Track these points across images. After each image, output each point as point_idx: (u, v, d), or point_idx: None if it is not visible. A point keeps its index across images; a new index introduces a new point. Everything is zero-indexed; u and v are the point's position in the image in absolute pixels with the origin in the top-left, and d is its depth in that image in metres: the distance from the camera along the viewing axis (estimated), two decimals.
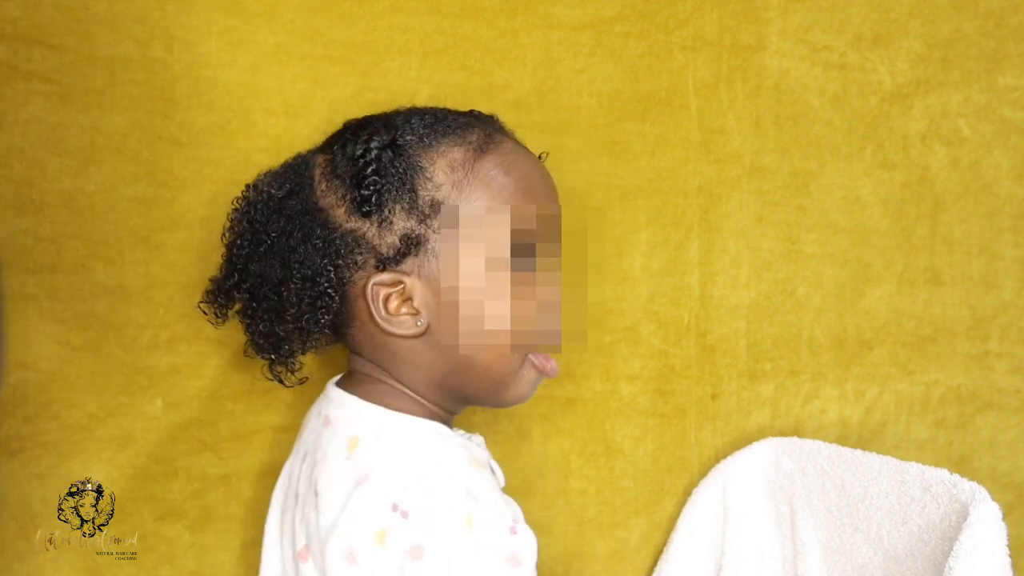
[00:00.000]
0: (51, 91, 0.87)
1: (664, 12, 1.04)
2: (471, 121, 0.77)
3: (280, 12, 0.92)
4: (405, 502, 0.68)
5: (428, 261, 0.73)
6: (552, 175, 0.79)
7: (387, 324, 0.74)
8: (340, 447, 0.74)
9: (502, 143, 0.77)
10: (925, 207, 1.11)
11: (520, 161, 0.77)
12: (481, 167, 0.75)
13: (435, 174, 0.74)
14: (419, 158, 0.74)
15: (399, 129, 0.75)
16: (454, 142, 0.75)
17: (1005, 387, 1.14)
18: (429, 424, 0.74)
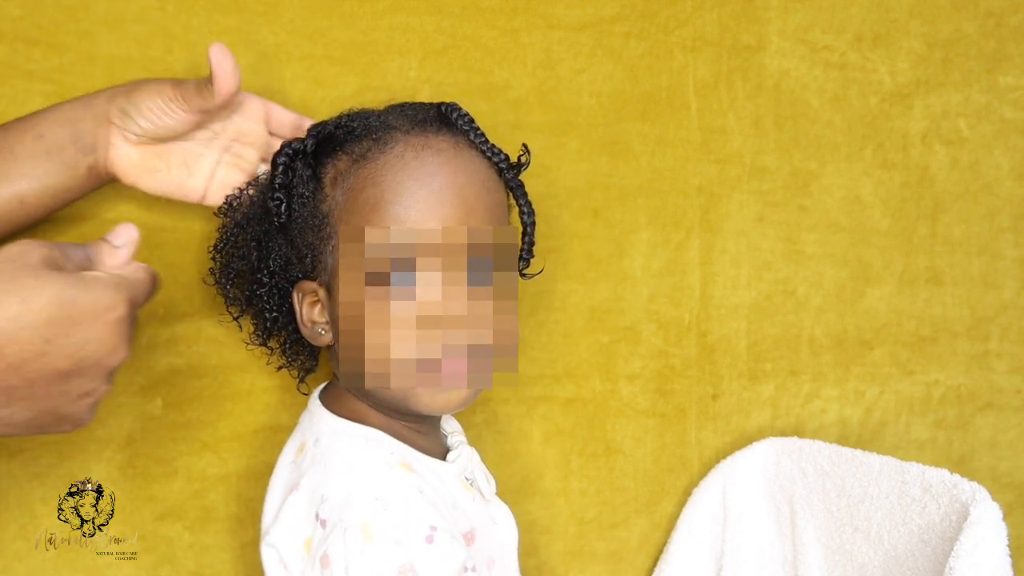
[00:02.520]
0: (51, 91, 0.87)
1: (664, 12, 1.04)
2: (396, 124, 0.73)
3: (280, 12, 0.92)
4: (323, 510, 0.67)
5: (325, 273, 0.73)
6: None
7: (304, 330, 0.75)
8: (291, 450, 0.76)
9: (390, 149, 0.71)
10: (925, 207, 1.11)
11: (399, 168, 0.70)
12: (356, 179, 0.72)
13: (325, 184, 0.74)
14: (321, 168, 0.74)
15: (316, 137, 0.75)
16: (348, 150, 0.73)
17: (1005, 387, 1.14)
18: (361, 429, 0.73)
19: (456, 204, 0.70)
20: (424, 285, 0.69)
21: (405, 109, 0.77)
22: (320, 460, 0.71)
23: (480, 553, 0.74)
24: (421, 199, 0.70)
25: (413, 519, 0.66)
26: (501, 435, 1.00)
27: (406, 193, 0.70)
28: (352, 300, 0.70)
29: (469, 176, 0.72)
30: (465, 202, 0.71)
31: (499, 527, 0.79)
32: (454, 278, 0.70)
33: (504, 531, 0.80)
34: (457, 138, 0.74)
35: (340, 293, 0.71)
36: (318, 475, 0.70)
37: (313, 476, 0.70)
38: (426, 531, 0.66)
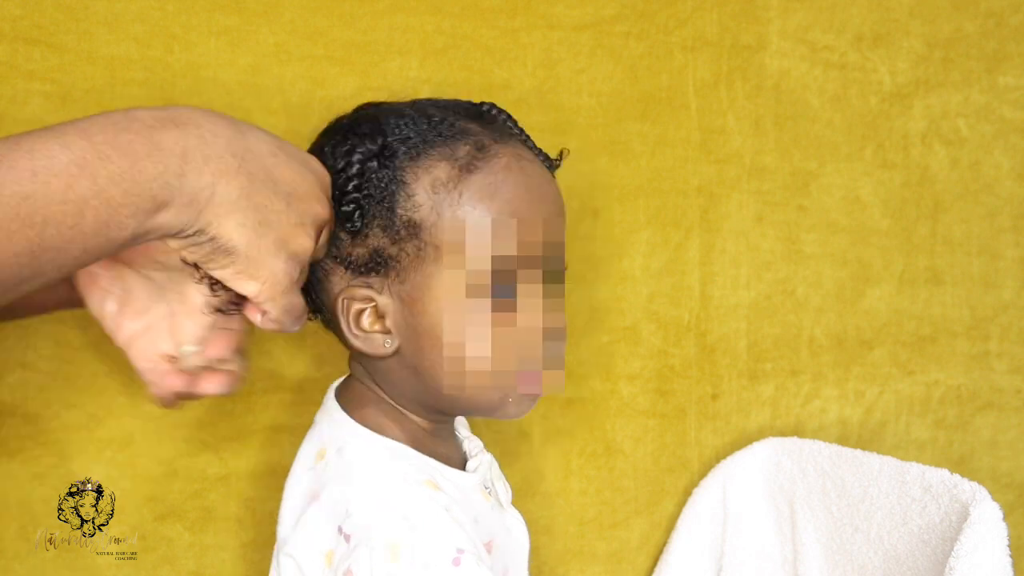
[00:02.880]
0: (51, 91, 0.87)
1: (664, 12, 1.03)
2: (470, 127, 0.71)
3: (280, 12, 0.92)
4: (347, 525, 0.66)
5: (399, 282, 0.69)
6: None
7: (355, 340, 0.70)
8: (310, 455, 0.73)
9: (495, 157, 0.70)
10: (925, 207, 1.11)
11: (512, 180, 0.69)
12: (465, 188, 0.68)
13: (416, 191, 0.68)
14: (403, 172, 0.69)
15: (387, 136, 0.69)
16: (441, 155, 0.69)
17: (1005, 387, 1.14)
18: (386, 443, 0.71)
19: (554, 215, 0.72)
20: (529, 297, 0.70)
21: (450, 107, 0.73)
22: (344, 472, 0.69)
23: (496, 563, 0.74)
24: (533, 212, 0.70)
25: (441, 540, 0.65)
26: (501, 435, 1.00)
27: (521, 206, 0.69)
28: (453, 312, 0.69)
29: (552, 184, 0.73)
30: (557, 211, 0.72)
31: (512, 536, 0.79)
32: (554, 290, 0.72)
33: (517, 540, 0.79)
34: (524, 145, 0.74)
35: (433, 304, 0.68)
36: (342, 488, 0.68)
37: (336, 488, 0.69)
38: (453, 553, 0.65)
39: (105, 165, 0.53)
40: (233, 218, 0.59)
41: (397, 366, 0.71)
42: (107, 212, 0.53)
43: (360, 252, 0.69)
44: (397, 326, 0.70)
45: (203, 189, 0.57)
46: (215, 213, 0.58)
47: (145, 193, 0.55)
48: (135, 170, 0.54)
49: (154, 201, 0.55)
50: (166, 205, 0.56)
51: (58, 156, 0.52)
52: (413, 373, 0.71)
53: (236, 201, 0.59)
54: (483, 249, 0.68)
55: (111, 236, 0.54)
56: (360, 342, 0.70)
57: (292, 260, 0.62)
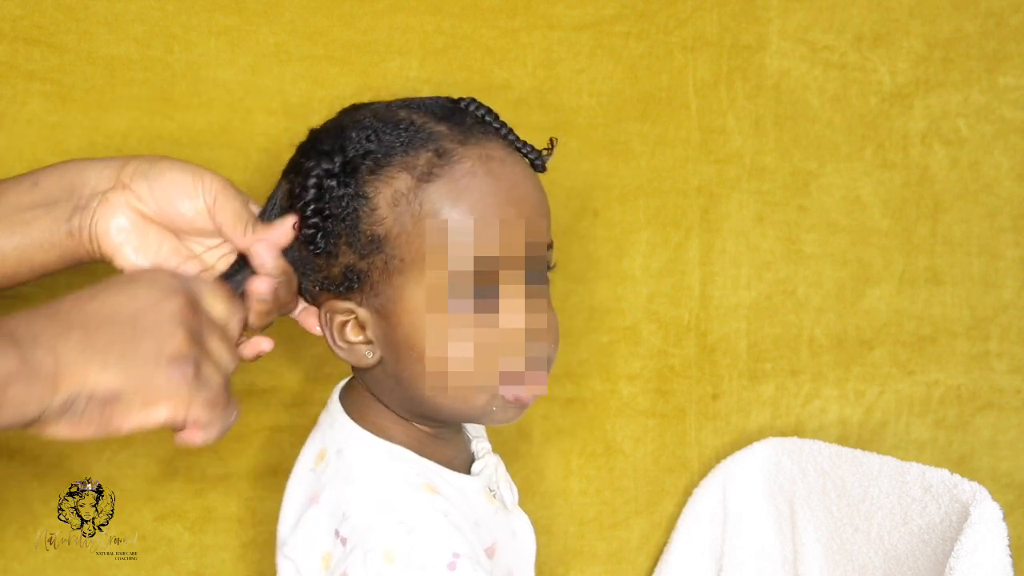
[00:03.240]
0: (51, 91, 0.87)
1: (664, 12, 1.03)
2: (434, 131, 0.69)
3: (280, 12, 0.92)
4: (344, 529, 0.66)
5: (373, 295, 0.69)
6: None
7: (340, 351, 0.70)
8: (310, 457, 0.73)
9: (457, 163, 0.68)
10: (925, 207, 1.11)
11: (475, 185, 0.68)
12: (425, 198, 0.67)
13: (379, 205, 0.67)
14: (364, 186, 0.67)
15: (346, 151, 0.68)
16: (401, 166, 0.67)
17: (1005, 387, 1.14)
18: (386, 446, 0.71)
19: (530, 215, 0.70)
20: (508, 298, 0.69)
21: (424, 107, 0.72)
22: (343, 474, 0.69)
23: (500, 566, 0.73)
24: (500, 215, 0.68)
25: (436, 545, 0.65)
26: (501, 435, 1.00)
27: (487, 211, 0.68)
28: (429, 321, 0.68)
29: (530, 181, 0.72)
30: (534, 210, 0.71)
31: (518, 539, 0.78)
32: (536, 291, 0.70)
33: (523, 543, 0.79)
34: (498, 140, 0.72)
35: (406, 315, 0.68)
36: (340, 490, 0.68)
37: (334, 490, 0.69)
38: (449, 558, 0.64)
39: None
40: (93, 366, 0.57)
41: (382, 375, 0.71)
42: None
43: (334, 271, 0.69)
44: (377, 337, 0.70)
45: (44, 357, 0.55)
46: (72, 374, 0.56)
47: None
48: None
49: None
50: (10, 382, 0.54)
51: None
52: (396, 382, 0.71)
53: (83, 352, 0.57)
54: (449, 257, 0.67)
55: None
56: (345, 353, 0.70)
57: (175, 363, 0.59)
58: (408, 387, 0.70)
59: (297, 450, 0.77)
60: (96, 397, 0.57)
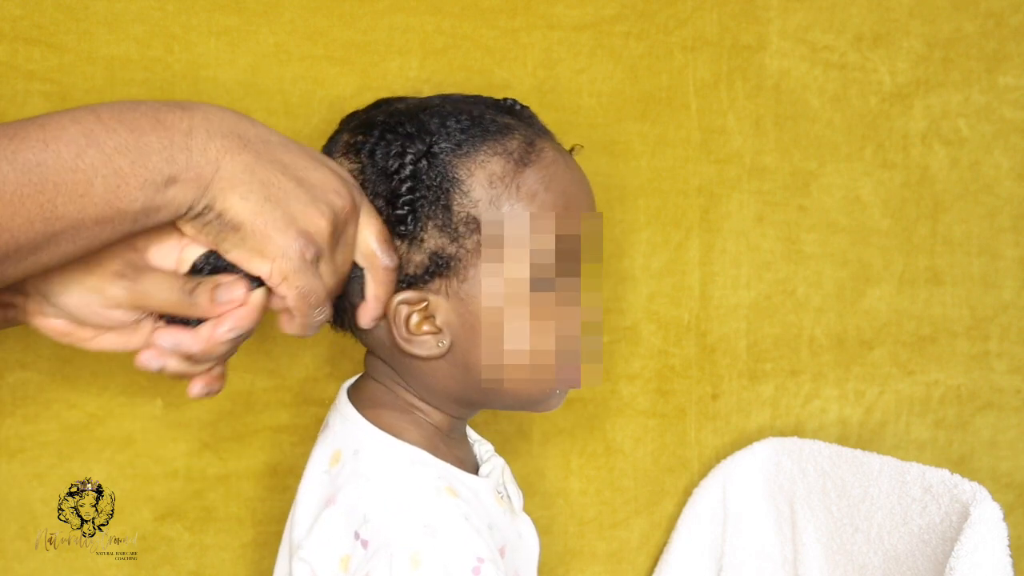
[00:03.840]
0: (51, 91, 0.87)
1: (664, 12, 1.04)
2: (509, 122, 0.71)
3: (280, 12, 0.92)
4: (365, 531, 0.65)
5: (458, 281, 0.68)
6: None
7: (407, 344, 0.69)
8: (324, 458, 0.72)
9: (543, 151, 0.70)
10: (925, 207, 1.11)
11: (560, 172, 0.71)
12: (523, 181, 0.68)
13: (472, 188, 0.68)
14: (456, 169, 0.68)
15: (434, 134, 0.68)
16: (493, 151, 0.69)
17: (1005, 387, 1.14)
18: (405, 448, 0.70)
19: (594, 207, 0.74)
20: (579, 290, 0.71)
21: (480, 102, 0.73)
22: (361, 475, 0.69)
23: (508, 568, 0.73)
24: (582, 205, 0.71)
25: (461, 548, 0.65)
26: (501, 435, 1.00)
27: (571, 200, 0.70)
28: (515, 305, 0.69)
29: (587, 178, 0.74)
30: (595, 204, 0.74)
31: (524, 541, 0.78)
32: (597, 283, 0.73)
33: (528, 545, 0.79)
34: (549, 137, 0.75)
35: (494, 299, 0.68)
36: (359, 492, 0.68)
37: (352, 492, 0.68)
38: (473, 562, 0.64)
39: (111, 136, 0.55)
40: (236, 191, 0.59)
41: (444, 364, 0.71)
42: (115, 182, 0.55)
43: (419, 258, 0.68)
44: (448, 324, 0.69)
45: (208, 164, 0.58)
46: (220, 187, 0.59)
47: (151, 165, 0.56)
48: (141, 142, 0.56)
49: (161, 174, 0.57)
50: (174, 180, 0.57)
51: (68, 128, 0.55)
52: (463, 370, 0.71)
53: (239, 175, 0.59)
54: (543, 242, 0.69)
55: (121, 208, 0.56)
56: (412, 346, 0.69)
57: (303, 238, 0.61)
58: (474, 374, 0.71)
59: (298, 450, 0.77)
60: (223, 218, 0.60)
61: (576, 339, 0.71)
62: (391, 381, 0.74)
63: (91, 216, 0.55)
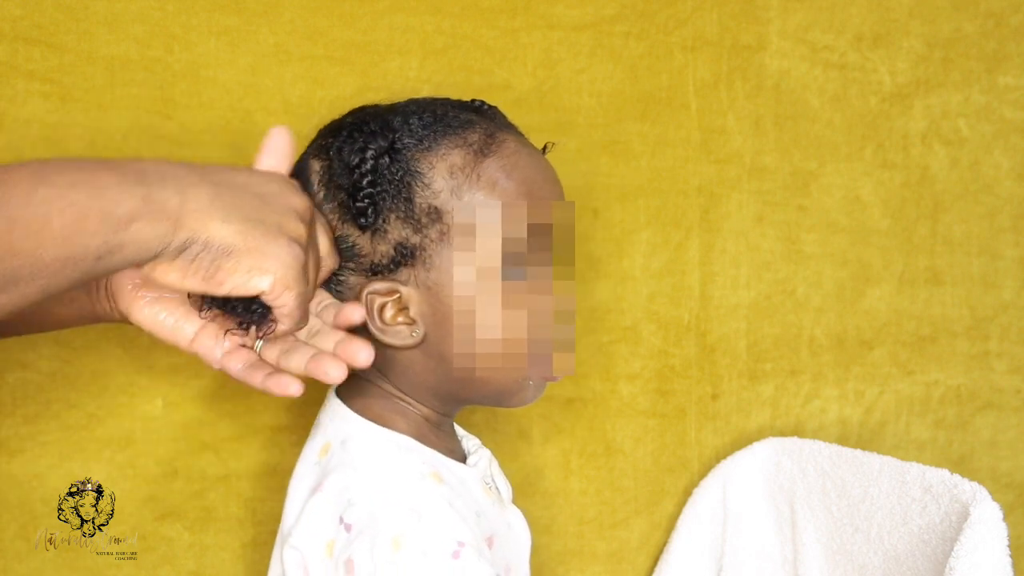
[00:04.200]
0: (51, 91, 0.87)
1: (664, 12, 1.04)
2: (472, 118, 0.73)
3: (280, 12, 0.92)
4: (349, 515, 0.66)
5: (424, 270, 0.70)
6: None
7: (382, 335, 0.71)
8: (314, 451, 0.73)
9: (504, 143, 0.72)
10: (925, 207, 1.11)
11: (523, 162, 0.72)
12: (483, 171, 0.71)
13: (433, 180, 0.70)
14: (417, 163, 0.70)
15: (397, 131, 0.71)
16: (454, 143, 0.71)
17: (1005, 387, 1.14)
18: (392, 435, 0.72)
19: (563, 197, 0.75)
20: (547, 278, 0.73)
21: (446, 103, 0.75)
22: (347, 463, 0.70)
23: (498, 559, 0.74)
24: (547, 192, 0.73)
25: (442, 532, 0.66)
26: (500, 435, 1.00)
27: (535, 186, 0.72)
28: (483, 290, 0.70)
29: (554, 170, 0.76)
30: (564, 195, 0.76)
31: (514, 532, 0.79)
32: (567, 272, 0.74)
33: (519, 537, 0.79)
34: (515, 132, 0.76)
35: (460, 287, 0.70)
36: (345, 477, 0.69)
37: (338, 477, 0.69)
38: (453, 546, 0.65)
39: (62, 175, 0.55)
40: (215, 218, 0.59)
41: (419, 355, 0.72)
42: (73, 217, 0.54)
43: (382, 249, 0.70)
44: (422, 315, 0.71)
45: (171, 197, 0.57)
46: (195, 219, 0.58)
47: (108, 198, 0.55)
48: (94, 179, 0.55)
49: (120, 208, 0.55)
50: (135, 216, 0.56)
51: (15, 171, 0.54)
52: (437, 360, 0.72)
53: (211, 203, 0.59)
54: (507, 230, 0.70)
55: (82, 244, 0.54)
56: (386, 336, 0.71)
57: (294, 244, 0.62)
58: (448, 364, 0.72)
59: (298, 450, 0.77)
60: (211, 247, 0.59)
61: (548, 327, 0.72)
62: (377, 376, 0.75)
63: (50, 254, 0.54)
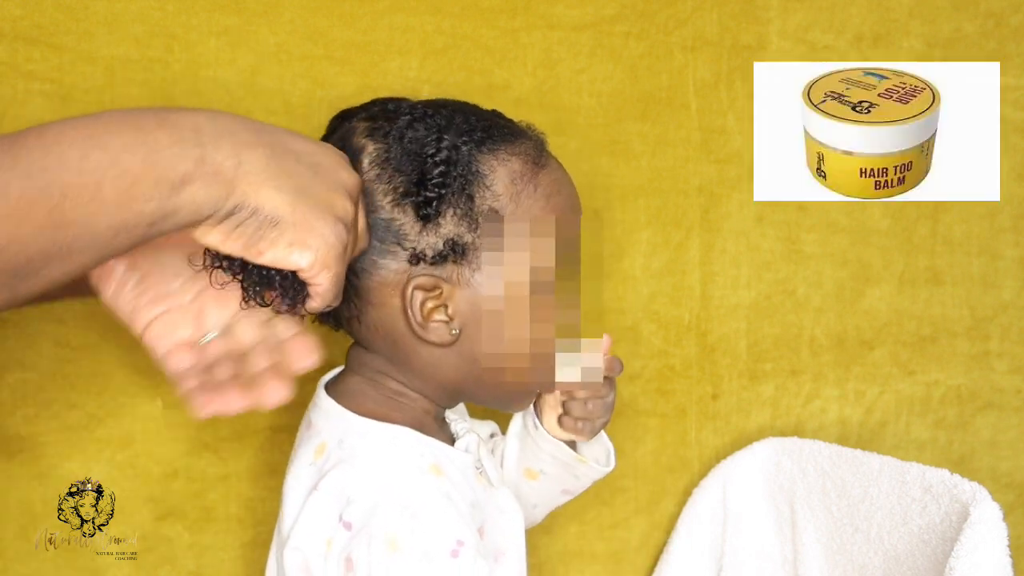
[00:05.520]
0: (51, 91, 0.87)
1: (664, 12, 1.04)
2: (517, 129, 0.75)
3: (280, 12, 0.92)
4: (348, 513, 0.66)
5: (470, 269, 0.70)
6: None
7: (421, 330, 0.70)
8: (309, 452, 0.73)
9: (550, 157, 0.75)
10: (925, 207, 1.11)
11: (564, 178, 0.75)
12: (539, 182, 0.72)
13: (495, 182, 0.71)
14: (480, 164, 0.71)
15: (461, 128, 0.71)
16: (513, 151, 0.73)
17: (1005, 387, 1.14)
18: (389, 428, 0.71)
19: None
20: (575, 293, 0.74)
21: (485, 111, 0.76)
22: (345, 460, 0.69)
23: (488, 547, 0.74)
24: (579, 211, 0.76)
25: (441, 531, 0.66)
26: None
27: (575, 203, 0.75)
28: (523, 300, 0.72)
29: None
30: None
31: (505, 515, 0.78)
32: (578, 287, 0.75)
33: (511, 520, 0.79)
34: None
35: (504, 292, 0.71)
36: (343, 475, 0.68)
37: (337, 475, 0.68)
38: (452, 545, 0.65)
39: (115, 136, 0.53)
40: (268, 184, 0.57)
41: (450, 353, 0.72)
42: (126, 183, 0.52)
43: (430, 240, 0.70)
44: (458, 313, 0.71)
45: (226, 160, 0.56)
46: (248, 183, 0.56)
47: (162, 162, 0.53)
48: (148, 139, 0.53)
49: (174, 172, 0.54)
50: (190, 179, 0.54)
51: (67, 132, 0.52)
52: (466, 360, 0.72)
53: (266, 168, 0.57)
54: (554, 243, 0.72)
55: (136, 210, 0.53)
56: (426, 332, 0.71)
57: (339, 224, 0.61)
58: (475, 364, 0.72)
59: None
60: (259, 214, 0.57)
61: (577, 339, 0.74)
62: (377, 373, 0.75)
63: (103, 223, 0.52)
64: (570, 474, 0.85)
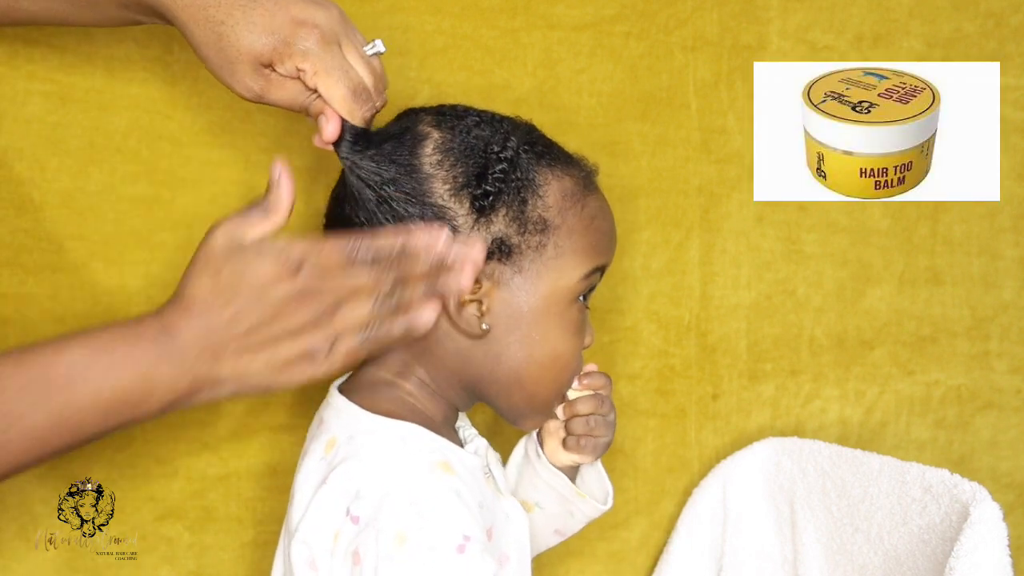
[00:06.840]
0: (51, 91, 0.87)
1: (664, 12, 1.04)
2: (574, 157, 0.79)
3: None
4: (356, 507, 0.67)
5: (512, 271, 0.73)
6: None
7: (456, 317, 0.72)
8: (320, 448, 0.73)
9: (598, 189, 0.79)
10: (925, 207, 1.11)
11: (608, 211, 0.79)
12: (587, 204, 0.76)
13: (548, 194, 0.74)
14: (537, 172, 0.74)
15: (522, 136, 0.76)
16: (567, 169, 0.76)
17: (1005, 387, 1.13)
18: (400, 425, 0.72)
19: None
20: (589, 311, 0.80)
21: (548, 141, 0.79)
22: (354, 455, 0.70)
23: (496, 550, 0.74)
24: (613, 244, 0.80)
25: (448, 526, 0.66)
26: (500, 435, 1.00)
27: (612, 235, 0.79)
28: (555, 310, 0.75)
29: None
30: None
31: (512, 522, 0.79)
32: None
33: (518, 526, 0.79)
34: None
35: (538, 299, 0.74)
36: (351, 469, 0.69)
37: (345, 469, 0.69)
38: (459, 540, 0.66)
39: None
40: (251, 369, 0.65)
41: (474, 348, 0.74)
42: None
43: (481, 235, 0.73)
44: (492, 311, 0.73)
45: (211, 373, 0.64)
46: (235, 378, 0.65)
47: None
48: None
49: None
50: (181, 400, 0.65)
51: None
52: (491, 358, 0.74)
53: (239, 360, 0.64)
54: (591, 260, 0.75)
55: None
56: (459, 320, 0.73)
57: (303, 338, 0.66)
58: (499, 365, 0.74)
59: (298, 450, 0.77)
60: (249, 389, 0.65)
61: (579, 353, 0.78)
62: (391, 373, 0.75)
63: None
64: (566, 510, 0.86)
